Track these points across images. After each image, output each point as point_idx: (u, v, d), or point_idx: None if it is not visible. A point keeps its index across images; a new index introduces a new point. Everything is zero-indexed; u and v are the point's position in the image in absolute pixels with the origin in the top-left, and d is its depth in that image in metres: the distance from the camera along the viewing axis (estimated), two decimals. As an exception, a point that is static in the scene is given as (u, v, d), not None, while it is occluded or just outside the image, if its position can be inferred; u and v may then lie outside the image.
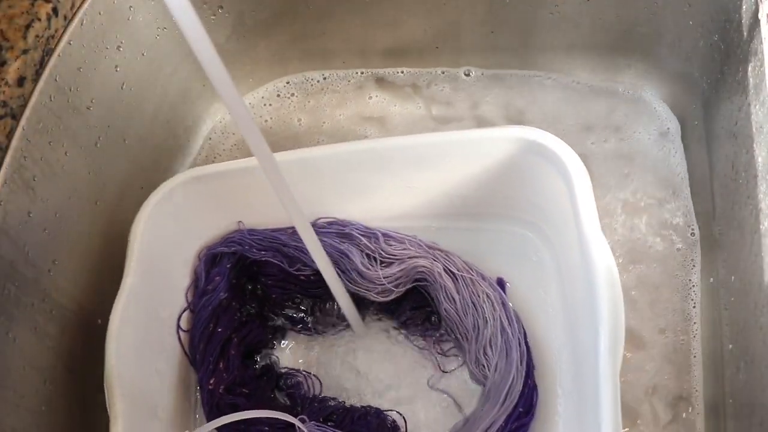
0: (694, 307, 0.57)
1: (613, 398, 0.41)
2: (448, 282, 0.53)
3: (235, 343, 0.55)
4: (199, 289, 0.56)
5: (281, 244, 0.56)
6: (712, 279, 0.56)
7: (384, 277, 0.53)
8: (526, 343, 0.52)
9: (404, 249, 0.54)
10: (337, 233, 0.56)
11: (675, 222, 0.60)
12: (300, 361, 0.58)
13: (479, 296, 0.53)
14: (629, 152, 0.64)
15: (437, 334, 0.56)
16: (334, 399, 0.55)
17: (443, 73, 0.69)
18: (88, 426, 0.52)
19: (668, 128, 0.65)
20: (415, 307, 0.56)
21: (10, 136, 0.44)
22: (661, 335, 0.57)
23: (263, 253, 0.56)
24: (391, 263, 0.54)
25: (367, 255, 0.54)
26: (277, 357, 0.58)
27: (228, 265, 0.56)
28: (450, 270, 0.54)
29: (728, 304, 0.52)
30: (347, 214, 0.56)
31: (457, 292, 0.53)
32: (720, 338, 0.53)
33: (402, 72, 0.70)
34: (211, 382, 0.53)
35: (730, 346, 0.51)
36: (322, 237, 0.54)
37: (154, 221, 0.52)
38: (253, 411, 0.48)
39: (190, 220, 0.55)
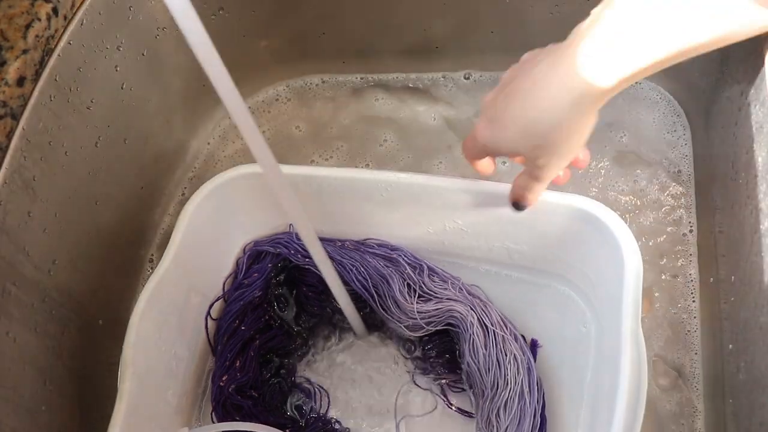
0: (693, 301, 0.57)
1: None
2: (479, 334, 0.51)
3: (256, 345, 0.54)
4: (236, 282, 0.56)
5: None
6: (712, 278, 0.56)
7: (417, 312, 0.52)
8: (542, 414, 0.50)
9: (445, 289, 0.53)
10: (383, 256, 0.55)
11: (676, 219, 0.60)
12: (311, 372, 0.58)
13: (506, 355, 0.51)
14: (629, 151, 0.64)
15: (455, 380, 0.55)
16: (339, 423, 0.54)
17: (443, 77, 0.70)
18: (88, 426, 0.52)
19: (668, 127, 0.65)
20: (442, 350, 0.55)
21: (10, 136, 0.44)
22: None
23: (307, 260, 0.54)
24: (429, 300, 0.53)
25: (408, 285, 0.53)
26: (295, 366, 0.57)
27: (269, 265, 0.55)
28: (484, 322, 0.52)
29: (728, 303, 0.52)
30: (398, 239, 0.56)
31: (485, 347, 0.51)
32: (720, 338, 0.53)
33: (405, 75, 0.70)
34: (224, 378, 0.53)
35: (730, 346, 0.50)
36: (368, 257, 0.54)
37: (204, 209, 0.52)
38: (249, 423, 0.48)
39: (244, 213, 0.55)
